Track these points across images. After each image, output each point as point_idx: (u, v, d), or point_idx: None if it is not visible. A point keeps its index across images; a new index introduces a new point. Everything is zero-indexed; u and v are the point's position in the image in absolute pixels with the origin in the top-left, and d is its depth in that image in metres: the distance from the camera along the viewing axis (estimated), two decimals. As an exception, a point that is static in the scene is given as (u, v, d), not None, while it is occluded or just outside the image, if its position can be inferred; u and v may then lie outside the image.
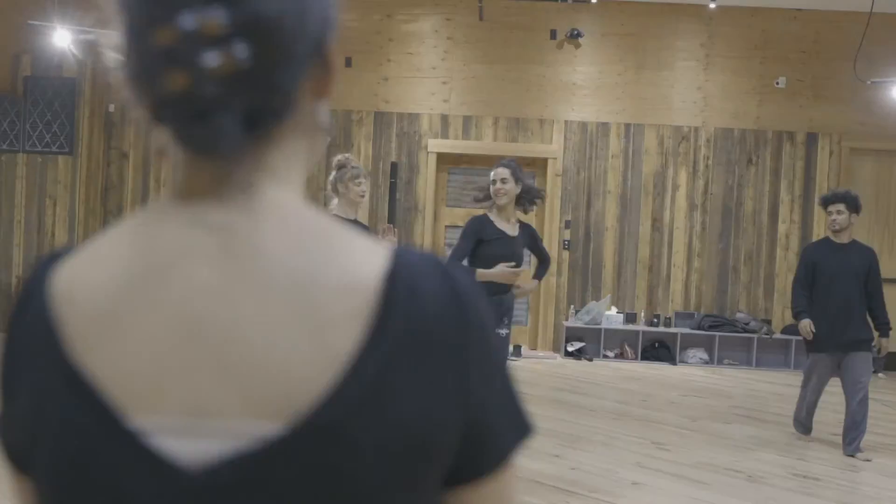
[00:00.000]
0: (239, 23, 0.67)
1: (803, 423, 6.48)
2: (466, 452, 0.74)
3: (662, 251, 10.10)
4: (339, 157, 5.05)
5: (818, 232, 9.93)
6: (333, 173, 5.01)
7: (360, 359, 0.68)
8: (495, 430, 0.75)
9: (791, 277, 9.93)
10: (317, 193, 9.45)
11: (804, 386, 6.38)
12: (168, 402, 0.68)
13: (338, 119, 10.08)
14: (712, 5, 9.63)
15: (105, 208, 10.28)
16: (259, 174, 0.73)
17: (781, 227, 10.02)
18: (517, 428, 0.78)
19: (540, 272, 5.59)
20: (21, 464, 0.77)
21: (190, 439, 0.68)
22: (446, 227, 10.21)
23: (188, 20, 0.66)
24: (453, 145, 10.08)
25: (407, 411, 0.69)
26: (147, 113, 0.73)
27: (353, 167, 4.94)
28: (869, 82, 9.26)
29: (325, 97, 0.77)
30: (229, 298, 0.69)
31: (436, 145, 10.08)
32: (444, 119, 10.10)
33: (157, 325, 0.69)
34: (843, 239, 6.14)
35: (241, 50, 0.67)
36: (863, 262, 6.08)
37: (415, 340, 0.70)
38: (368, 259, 0.73)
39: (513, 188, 5.05)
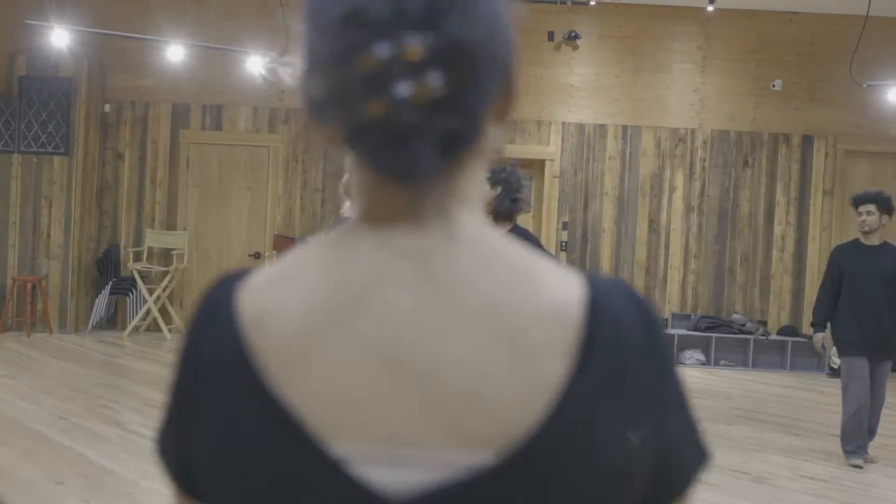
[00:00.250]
0: (439, 49, 0.67)
1: (851, 442, 5.86)
2: (654, 482, 0.74)
3: (659, 252, 10.14)
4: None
5: (813, 233, 10.01)
6: (346, 176, 4.98)
7: (569, 389, 0.68)
8: (680, 459, 0.76)
9: (787, 279, 10.04)
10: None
11: (845, 399, 5.91)
12: (368, 430, 0.67)
13: (335, 120, 10.05)
14: (710, 8, 9.66)
15: (100, 209, 10.21)
16: (450, 199, 0.73)
17: (777, 229, 10.07)
18: (698, 456, 0.78)
19: None
20: (190, 486, 0.77)
21: (391, 468, 0.67)
22: (443, 228, 10.20)
23: (389, 47, 0.66)
24: (451, 146, 10.06)
25: (610, 443, 0.69)
26: (339, 138, 0.72)
27: (365, 170, 4.91)
28: (865, 85, 9.32)
29: (505, 120, 0.77)
30: (429, 325, 0.68)
31: (433, 146, 10.06)
32: (442, 120, 10.08)
33: (355, 351, 0.68)
34: (873, 241, 5.88)
35: (440, 76, 0.67)
36: (894, 265, 5.82)
37: (616, 371, 0.70)
38: (565, 286, 0.72)
39: (486, 193, 4.99)
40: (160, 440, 0.80)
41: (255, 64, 9.32)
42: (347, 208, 5.08)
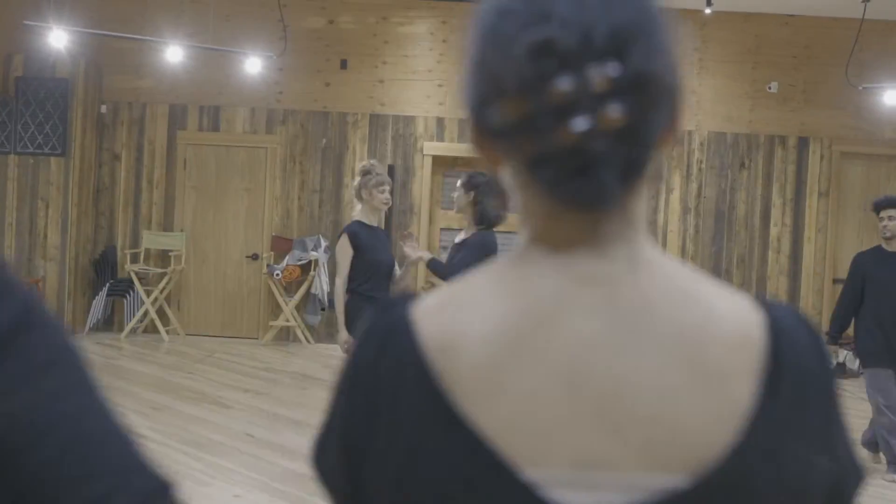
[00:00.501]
0: (628, 79, 0.69)
1: (885, 448, 5.70)
2: (826, 501, 0.75)
3: (656, 254, 10.16)
4: (363, 164, 5.03)
5: (809, 235, 10.07)
6: (357, 179, 4.98)
7: (758, 413, 0.70)
8: (845, 476, 0.78)
9: (783, 280, 10.09)
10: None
11: (876, 412, 5.67)
12: (557, 454, 0.68)
13: (333, 121, 10.06)
14: (707, 11, 9.69)
15: (97, 210, 10.16)
16: (627, 224, 0.74)
17: (773, 231, 10.13)
18: (858, 474, 0.80)
19: None
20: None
21: (583, 492, 0.68)
22: (441, 229, 10.21)
23: (576, 78, 0.67)
24: (449, 148, 10.08)
25: (795, 466, 0.71)
26: (518, 164, 0.73)
27: (377, 174, 4.91)
28: (860, 88, 9.38)
29: (667, 147, 0.78)
30: (618, 351, 0.70)
31: (431, 148, 10.08)
32: (440, 122, 10.09)
33: (543, 377, 0.69)
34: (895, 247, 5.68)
35: (624, 107, 0.68)
36: None
37: (799, 395, 0.72)
38: (743, 310, 0.74)
39: (461, 197, 4.89)
40: (322, 462, 0.80)
41: (253, 65, 9.30)
42: (358, 212, 5.09)
